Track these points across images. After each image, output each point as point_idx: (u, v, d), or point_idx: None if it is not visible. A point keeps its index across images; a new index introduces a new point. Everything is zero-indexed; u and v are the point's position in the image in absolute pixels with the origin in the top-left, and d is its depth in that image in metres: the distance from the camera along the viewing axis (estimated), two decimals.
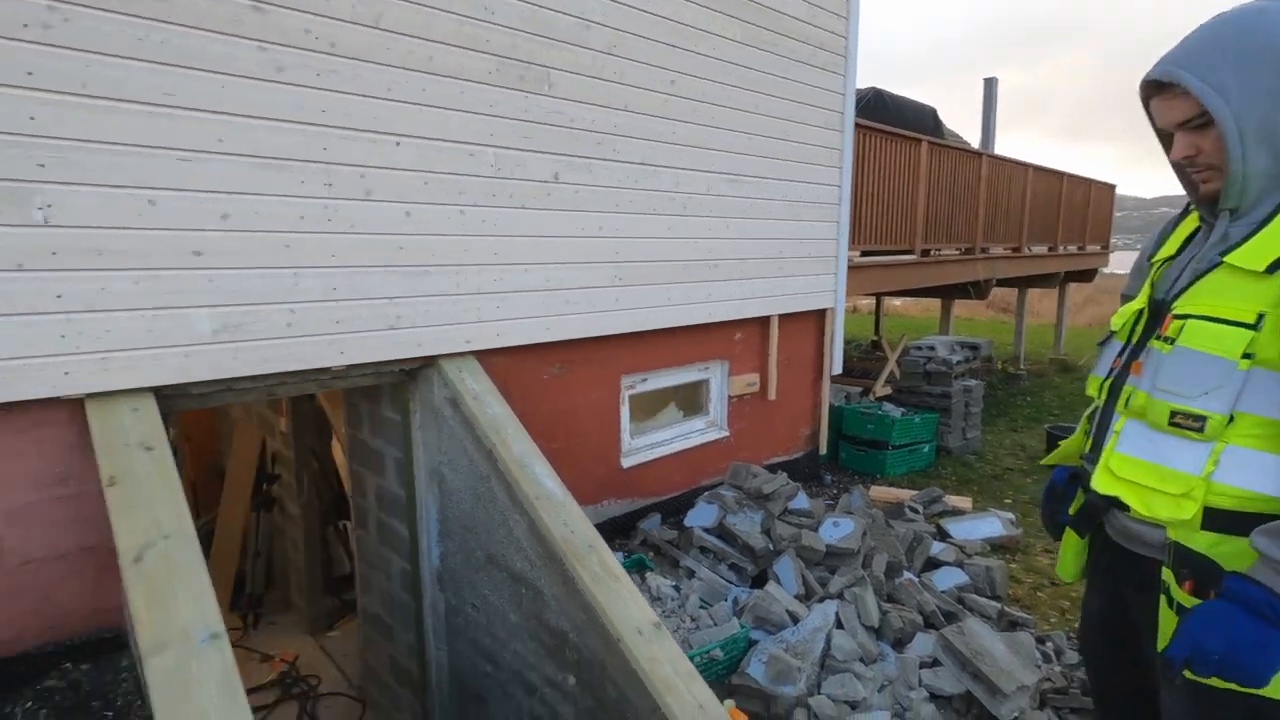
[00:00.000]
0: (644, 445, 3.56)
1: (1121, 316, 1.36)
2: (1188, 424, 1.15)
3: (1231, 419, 1.12)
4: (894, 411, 5.01)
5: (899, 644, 2.41)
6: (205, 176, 1.93)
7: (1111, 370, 1.35)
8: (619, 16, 2.90)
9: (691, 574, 2.66)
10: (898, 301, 18.20)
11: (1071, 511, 1.44)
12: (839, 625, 2.36)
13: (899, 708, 2.12)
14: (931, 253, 5.89)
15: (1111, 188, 10.00)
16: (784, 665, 2.15)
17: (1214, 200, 1.22)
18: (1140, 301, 1.33)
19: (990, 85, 8.62)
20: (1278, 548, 1.03)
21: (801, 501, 2.95)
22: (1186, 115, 1.18)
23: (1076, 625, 2.62)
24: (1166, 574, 1.19)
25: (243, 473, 4.53)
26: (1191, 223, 1.36)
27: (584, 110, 2.84)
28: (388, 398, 2.84)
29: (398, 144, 2.31)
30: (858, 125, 4.59)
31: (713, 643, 2.31)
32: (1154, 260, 1.39)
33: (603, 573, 2.07)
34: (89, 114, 1.74)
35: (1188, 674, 1.11)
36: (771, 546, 2.72)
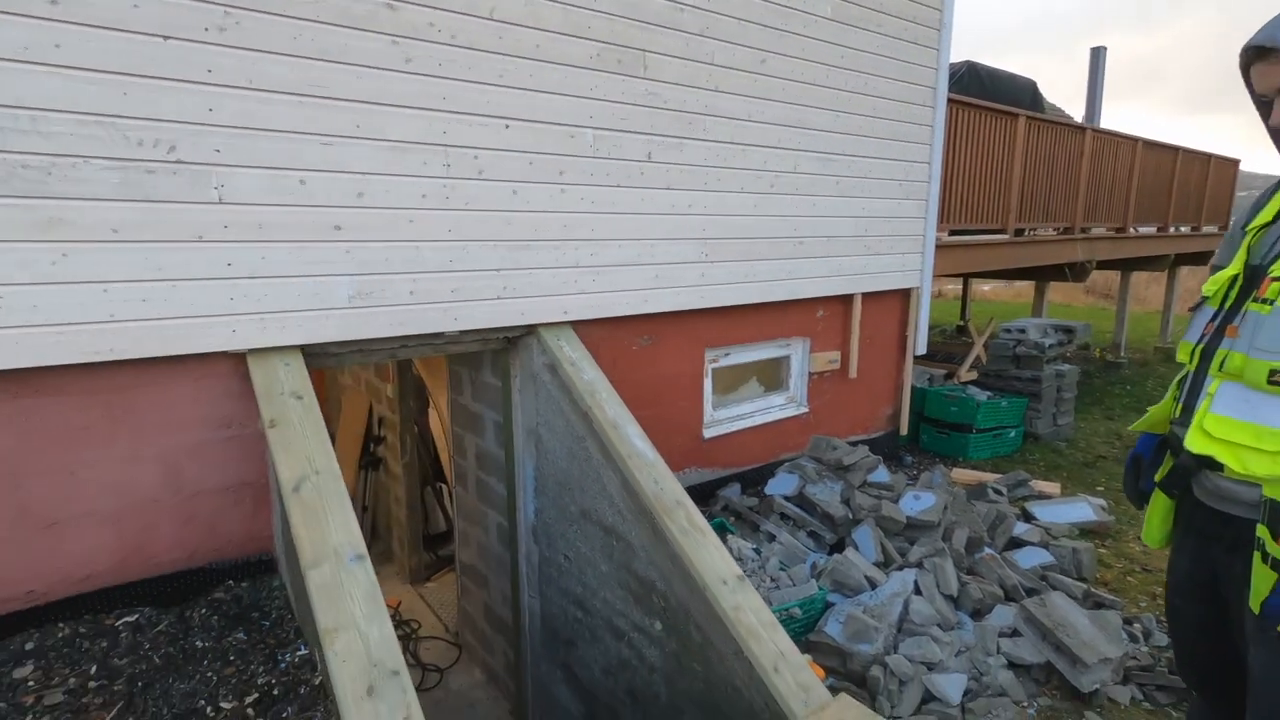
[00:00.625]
0: (725, 417, 3.68)
1: (1215, 283, 1.38)
2: None
3: None
4: (979, 395, 4.92)
5: (977, 614, 2.45)
6: (344, 158, 2.18)
7: (1203, 336, 1.37)
8: None
9: (772, 538, 2.78)
10: (986, 286, 17.41)
11: (1158, 478, 1.46)
12: (917, 592, 2.43)
13: (975, 672, 2.18)
14: (1026, 232, 5.67)
15: (1235, 163, 9.24)
16: (861, 625, 2.25)
17: None
18: (1236, 267, 1.34)
19: (1097, 55, 8.09)
20: None
21: (882, 475, 3.01)
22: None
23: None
24: (1261, 530, 1.21)
25: (353, 434, 4.94)
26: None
27: (676, 91, 2.95)
28: (489, 364, 3.07)
29: (507, 126, 2.50)
30: (950, 100, 4.49)
31: (791, 601, 2.42)
32: (1249, 228, 1.39)
33: (689, 526, 2.22)
34: (255, 105, 2.00)
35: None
36: (851, 516, 2.80)
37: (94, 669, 1.82)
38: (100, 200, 1.83)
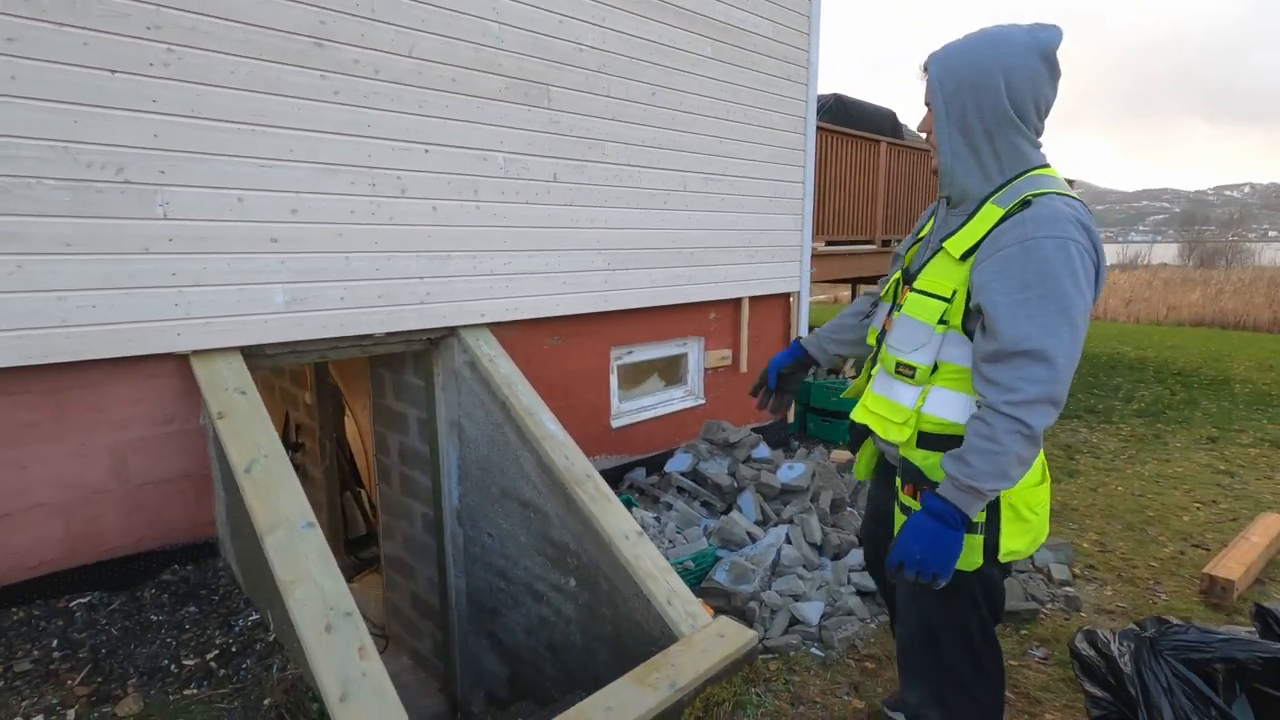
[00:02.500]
0: (631, 409, 4.10)
1: (889, 284, 1.68)
2: (905, 371, 1.48)
3: (936, 367, 1.45)
4: None
5: (837, 557, 2.96)
6: (280, 179, 2.44)
7: (883, 329, 1.64)
8: (607, 40, 3.41)
9: (669, 508, 3.20)
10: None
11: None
12: (788, 542, 2.91)
13: (831, 600, 2.68)
14: (891, 243, 6.45)
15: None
16: (742, 569, 2.70)
17: (938, 172, 1.51)
18: (899, 274, 1.64)
19: None
20: (957, 469, 1.34)
21: (763, 451, 3.50)
22: (927, 97, 1.48)
23: None
24: (897, 481, 1.55)
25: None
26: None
27: (577, 120, 3.35)
28: (411, 364, 3.35)
29: (427, 151, 2.82)
30: (819, 128, 5.13)
31: (685, 556, 2.85)
32: (919, 237, 1.66)
33: (597, 494, 2.60)
34: (197, 130, 2.24)
35: (904, 575, 1.39)
36: (736, 485, 3.27)
37: (55, 643, 2.00)
38: (53, 217, 2.03)
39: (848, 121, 6.12)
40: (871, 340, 1.71)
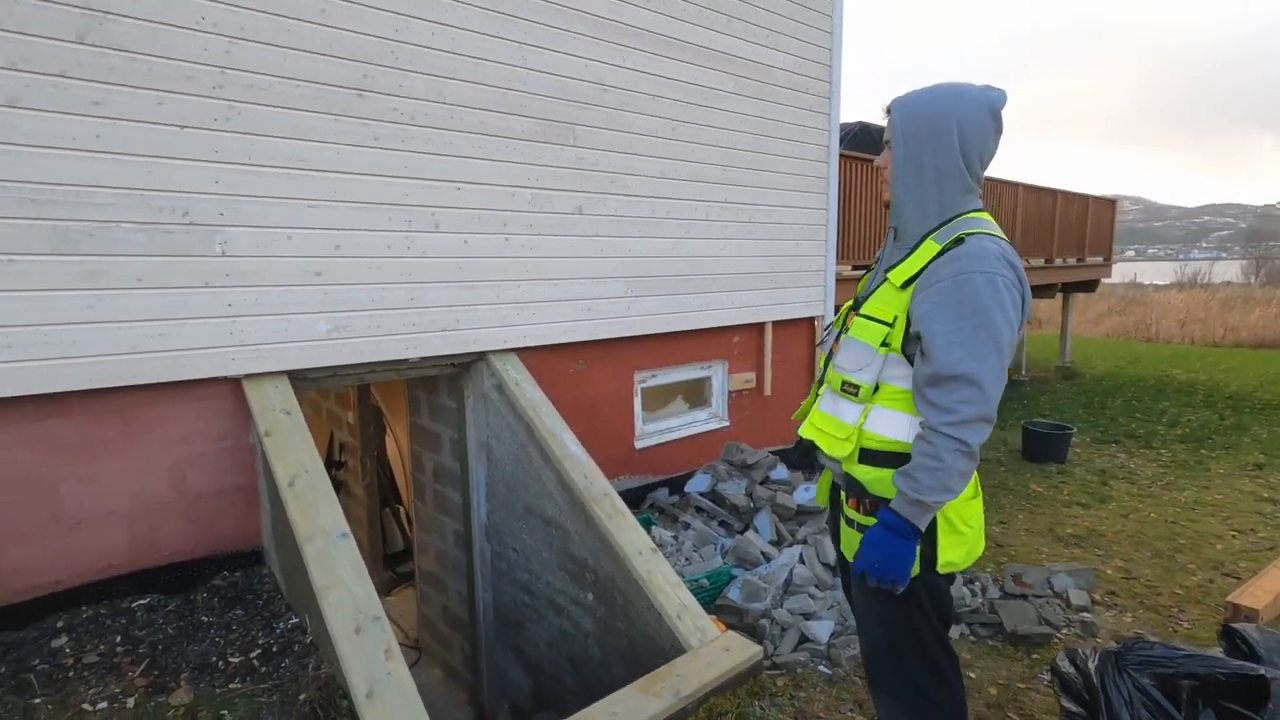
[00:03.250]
0: (654, 430, 4.22)
1: (840, 312, 1.79)
2: (849, 390, 1.58)
3: (877, 388, 1.56)
4: None
5: None
6: (325, 217, 2.67)
7: (831, 351, 1.75)
8: (629, 80, 3.61)
9: (687, 527, 3.30)
10: None
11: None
12: (801, 562, 2.98)
13: (842, 619, 2.73)
14: None
15: (1112, 203, 10.43)
16: (754, 587, 2.78)
17: (889, 205, 1.66)
18: (850, 301, 1.77)
19: None
20: (906, 485, 1.46)
21: (781, 472, 3.58)
22: (888, 135, 1.62)
23: (1006, 574, 3.20)
24: (841, 495, 1.66)
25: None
26: None
27: (601, 155, 3.54)
28: (444, 387, 3.55)
29: (458, 189, 3.03)
30: (843, 155, 5.24)
31: (700, 573, 2.95)
32: (871, 268, 1.81)
33: (614, 511, 2.73)
34: (252, 176, 2.49)
35: (867, 582, 1.53)
36: (753, 505, 3.36)
37: (118, 639, 2.21)
38: (129, 256, 2.28)
39: (872, 149, 6.20)
40: (820, 363, 1.82)
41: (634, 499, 3.99)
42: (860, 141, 6.27)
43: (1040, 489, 4.84)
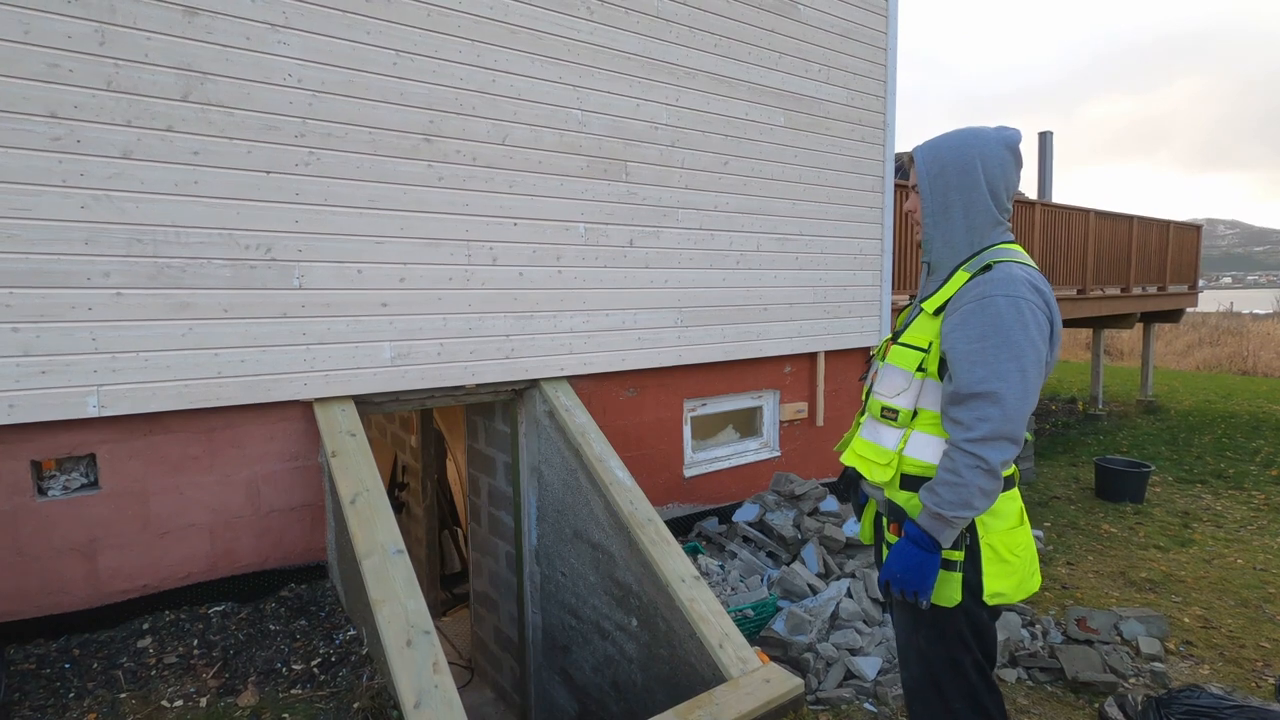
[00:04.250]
0: (704, 459, 4.25)
1: (880, 345, 1.86)
2: (890, 415, 1.65)
3: (916, 413, 1.62)
4: None
5: None
6: (392, 252, 2.86)
7: (870, 381, 1.83)
8: (681, 118, 3.73)
9: (734, 556, 3.30)
10: None
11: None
12: (848, 596, 2.93)
13: (890, 657, 2.67)
14: None
15: (1197, 228, 9.89)
16: (800, 620, 2.76)
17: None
18: (889, 336, 1.82)
19: (1044, 139, 8.95)
20: (928, 499, 1.52)
21: (830, 504, 3.54)
22: (913, 181, 1.72)
23: (1069, 617, 3.06)
24: (883, 521, 1.71)
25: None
26: None
27: (653, 190, 3.66)
28: (499, 414, 3.69)
29: (515, 224, 3.19)
30: (899, 186, 5.20)
31: (745, 604, 2.94)
32: (911, 305, 1.89)
33: (658, 538, 2.77)
34: (327, 216, 2.71)
35: (890, 593, 1.59)
36: (800, 537, 3.33)
37: (195, 642, 2.39)
38: (217, 289, 2.51)
39: None
40: (864, 395, 1.88)
41: (682, 527, 4.01)
42: None
43: (1113, 529, 4.59)
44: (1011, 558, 1.57)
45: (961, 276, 1.61)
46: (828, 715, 2.41)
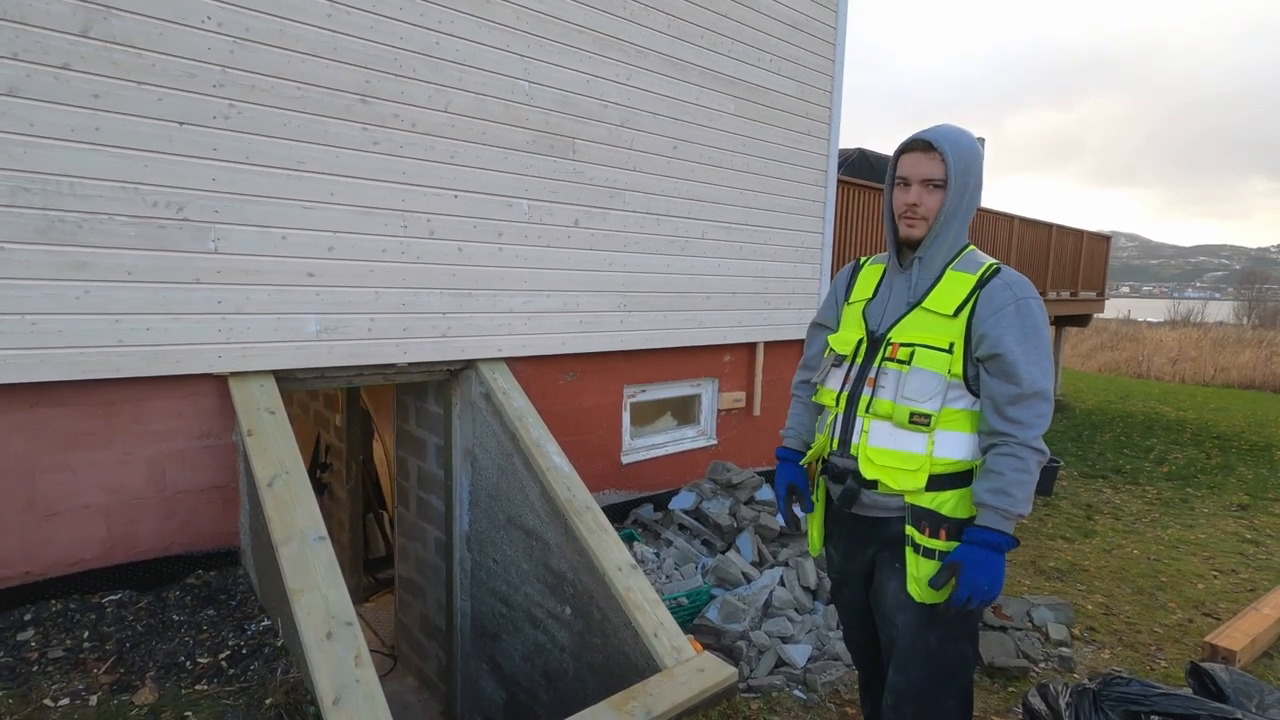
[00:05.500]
0: (642, 446, 4.22)
1: (847, 345, 1.75)
2: (920, 421, 1.59)
3: (940, 414, 1.59)
4: None
5: (830, 602, 3.00)
6: (320, 219, 2.68)
7: (844, 385, 1.73)
8: (631, 98, 3.64)
9: (669, 544, 3.29)
10: None
11: (819, 498, 1.84)
12: (781, 584, 2.97)
13: (819, 644, 2.72)
14: None
15: (1106, 239, 10.53)
16: (733, 608, 2.77)
17: (910, 243, 1.68)
18: (859, 332, 1.74)
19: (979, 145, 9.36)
20: (1003, 501, 1.49)
21: (765, 493, 3.57)
22: (934, 175, 1.61)
23: None
24: (909, 529, 1.61)
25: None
26: (874, 272, 1.81)
27: (600, 170, 3.57)
28: (432, 394, 3.54)
29: (455, 196, 3.05)
30: (841, 181, 5.28)
31: (679, 592, 2.93)
32: (852, 301, 1.82)
33: (595, 526, 2.72)
34: (249, 176, 2.50)
35: (967, 607, 1.51)
36: (736, 525, 3.35)
37: (86, 634, 2.18)
38: (120, 249, 2.28)
39: (871, 175, 6.26)
40: (829, 401, 1.77)
41: (618, 514, 3.98)
42: (859, 168, 6.33)
43: (1025, 520, 4.84)
44: None
45: (957, 276, 1.63)
46: (759, 703, 2.43)
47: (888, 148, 6.82)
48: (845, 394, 1.71)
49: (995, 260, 1.68)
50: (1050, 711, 1.77)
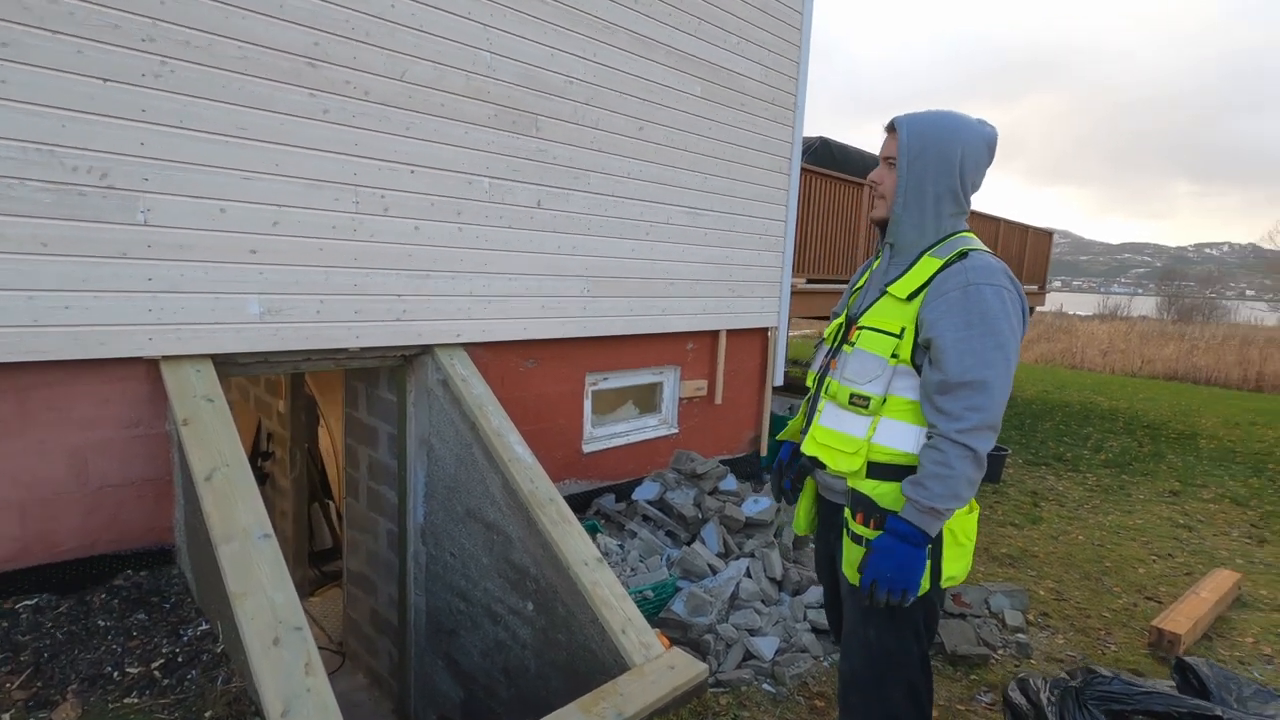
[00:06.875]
0: (603, 435, 4.12)
1: (830, 328, 1.81)
2: (859, 403, 1.58)
3: (885, 400, 1.56)
4: None
5: (797, 593, 2.99)
6: (263, 191, 2.48)
7: (822, 367, 1.77)
8: (597, 75, 3.51)
9: (634, 535, 3.22)
10: None
11: (810, 481, 1.84)
12: (748, 576, 2.93)
13: (787, 636, 2.69)
14: None
15: (1049, 235, 10.90)
16: (700, 601, 2.72)
17: (879, 223, 1.69)
18: (842, 319, 1.78)
19: None
20: (917, 493, 1.47)
21: (730, 483, 3.53)
22: (891, 153, 1.63)
23: (946, 592, 3.23)
24: (845, 513, 1.62)
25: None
26: (878, 261, 1.79)
27: (564, 150, 3.43)
28: (385, 380, 3.36)
29: (412, 172, 2.87)
30: (804, 169, 5.26)
31: (645, 585, 2.86)
32: (854, 289, 1.84)
33: (559, 518, 2.62)
34: (183, 142, 2.29)
35: (875, 596, 1.49)
36: (701, 516, 3.30)
37: None
38: (33, 218, 2.05)
39: (832, 164, 6.27)
40: (810, 382, 1.82)
41: (580, 504, 3.88)
42: (821, 157, 6.33)
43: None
44: (966, 541, 1.58)
45: (930, 262, 1.58)
46: (728, 698, 2.39)
47: (837, 137, 6.82)
48: (815, 375, 1.78)
49: (978, 246, 1.59)
50: (1032, 706, 1.77)
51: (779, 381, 5.24)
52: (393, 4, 2.72)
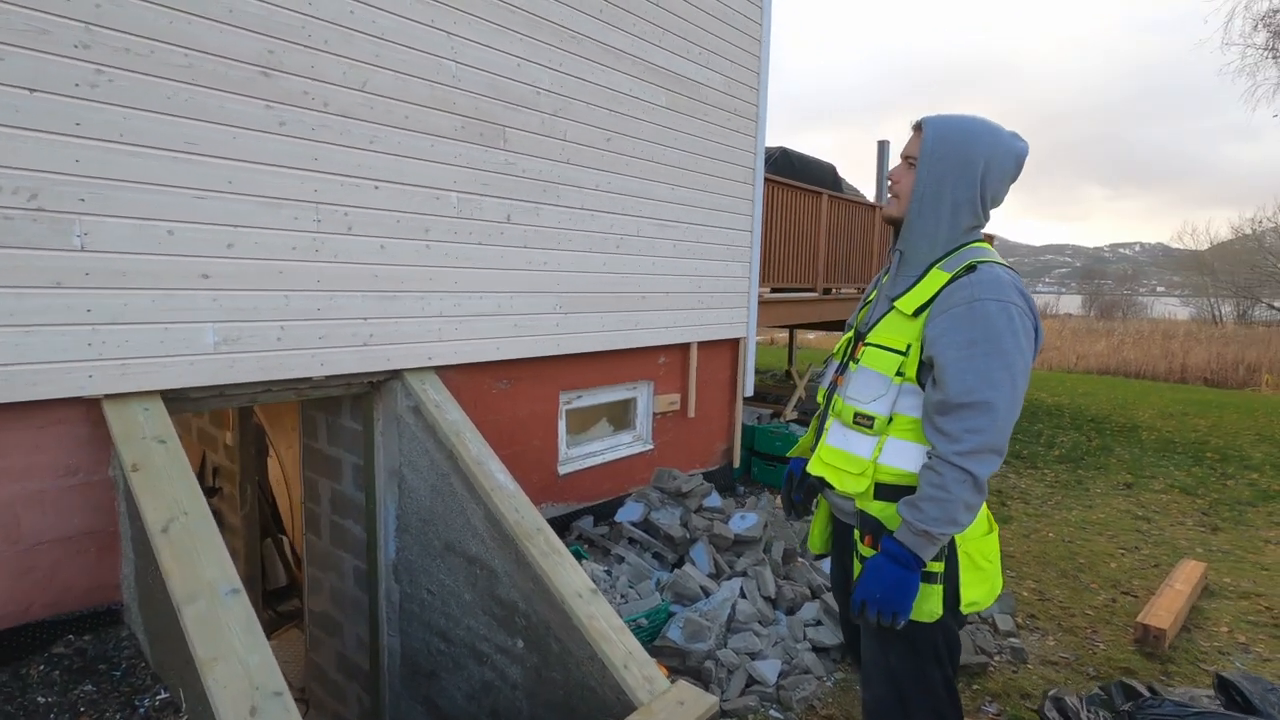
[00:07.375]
0: (579, 455, 3.99)
1: (840, 342, 1.76)
2: (864, 422, 1.52)
3: (891, 419, 1.50)
4: (799, 431, 5.64)
5: (791, 611, 2.92)
6: (216, 211, 2.28)
7: (831, 383, 1.71)
8: (564, 85, 3.41)
9: (621, 560, 3.10)
10: (811, 335, 19.36)
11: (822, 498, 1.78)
12: (743, 596, 2.85)
13: (787, 657, 2.62)
14: (832, 291, 6.63)
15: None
16: (697, 626, 2.62)
17: (891, 221, 1.63)
18: (851, 332, 1.73)
19: (883, 147, 9.77)
20: (911, 515, 1.41)
21: (714, 500, 3.45)
22: (912, 153, 1.58)
23: None
24: (855, 534, 1.57)
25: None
26: (886, 277, 1.75)
27: (533, 162, 3.31)
28: (348, 409, 3.16)
29: (376, 187, 2.71)
30: (767, 179, 5.27)
31: (638, 614, 2.74)
32: (867, 300, 1.79)
33: (549, 549, 2.48)
34: (123, 158, 2.07)
35: (866, 616, 1.45)
36: (688, 536, 3.20)
37: None
38: None
39: (792, 174, 6.32)
40: (820, 399, 1.75)
41: (559, 528, 3.73)
42: (781, 166, 6.37)
43: None
44: (985, 564, 1.51)
45: (939, 276, 1.51)
46: None
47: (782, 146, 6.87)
48: (825, 391, 1.72)
49: (990, 258, 1.50)
50: None
51: (749, 391, 5.21)
52: (351, 10, 2.56)
